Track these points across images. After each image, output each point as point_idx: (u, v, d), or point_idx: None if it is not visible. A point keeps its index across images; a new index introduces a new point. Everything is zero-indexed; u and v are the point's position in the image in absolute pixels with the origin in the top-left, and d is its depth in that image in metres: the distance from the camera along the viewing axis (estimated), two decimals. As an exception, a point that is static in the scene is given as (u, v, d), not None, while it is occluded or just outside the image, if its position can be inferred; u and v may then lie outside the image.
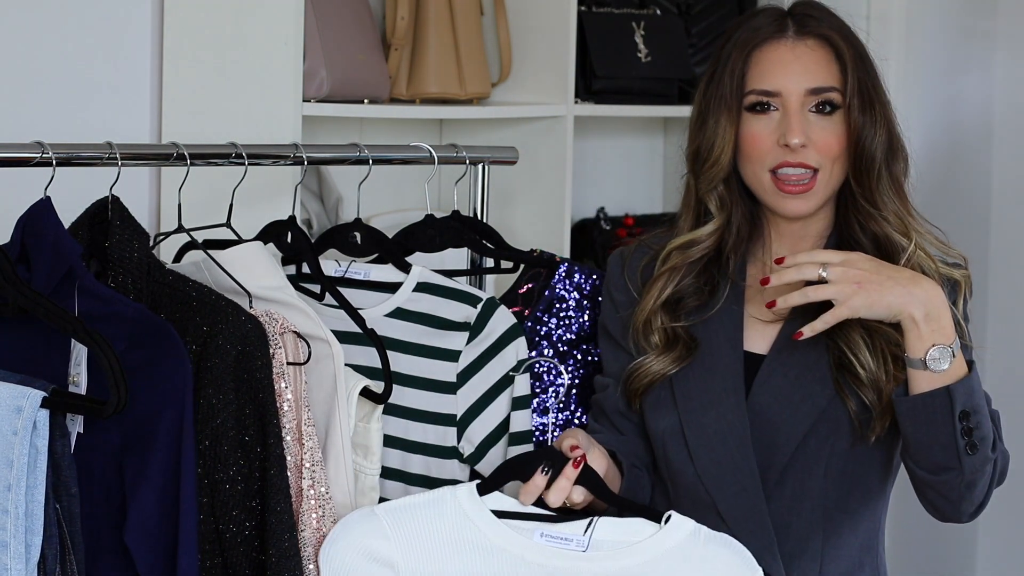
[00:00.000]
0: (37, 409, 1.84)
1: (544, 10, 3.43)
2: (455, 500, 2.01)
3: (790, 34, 2.21)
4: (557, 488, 2.02)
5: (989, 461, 2.11)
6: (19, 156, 2.02)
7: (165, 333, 1.92)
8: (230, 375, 1.96)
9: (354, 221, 2.42)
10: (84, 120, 2.83)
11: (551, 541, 2.01)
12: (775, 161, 2.19)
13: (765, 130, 2.19)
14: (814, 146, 2.18)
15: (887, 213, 2.20)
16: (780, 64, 2.20)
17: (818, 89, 2.19)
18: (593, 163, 3.90)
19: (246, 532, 1.96)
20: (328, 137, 3.09)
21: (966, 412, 2.07)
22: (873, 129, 2.18)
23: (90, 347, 1.88)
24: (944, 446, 2.08)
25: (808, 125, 2.18)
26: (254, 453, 1.97)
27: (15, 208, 2.01)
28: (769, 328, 2.24)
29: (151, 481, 1.90)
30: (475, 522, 2.01)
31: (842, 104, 2.19)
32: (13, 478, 1.84)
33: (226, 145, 2.26)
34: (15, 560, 1.83)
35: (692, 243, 2.26)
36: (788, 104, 2.18)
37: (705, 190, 2.25)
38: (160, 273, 2.02)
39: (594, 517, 2.02)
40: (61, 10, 2.85)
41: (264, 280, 2.13)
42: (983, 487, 2.14)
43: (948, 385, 2.06)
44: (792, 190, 2.19)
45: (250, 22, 2.83)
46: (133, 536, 1.90)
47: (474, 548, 2.00)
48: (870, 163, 2.19)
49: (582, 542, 2.01)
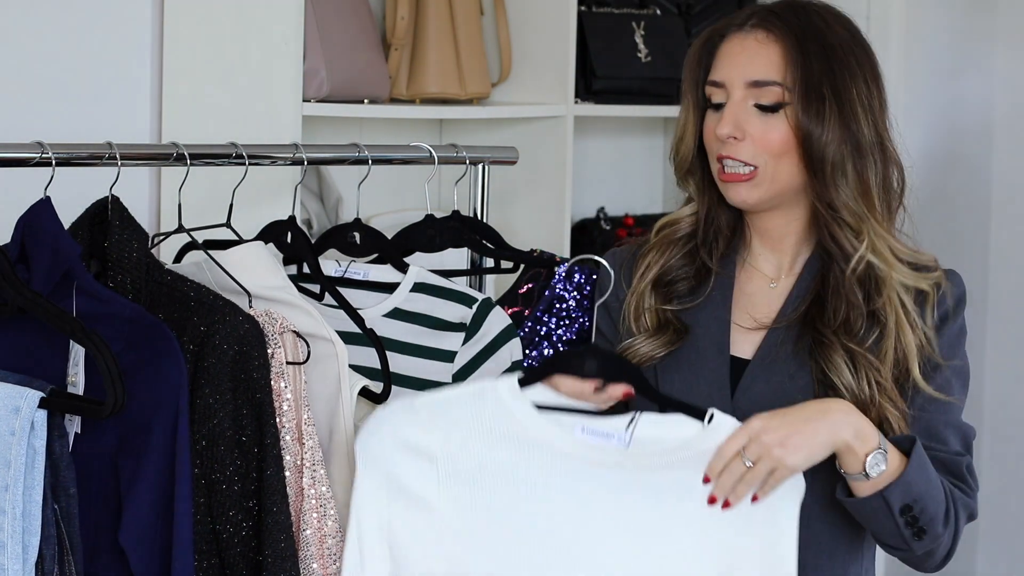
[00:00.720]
0: (35, 409, 1.84)
1: (544, 10, 3.43)
2: (495, 393, 1.98)
3: (746, 27, 2.19)
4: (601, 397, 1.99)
5: (940, 536, 2.10)
6: (19, 156, 2.02)
7: (161, 334, 1.92)
8: (227, 375, 1.96)
9: (354, 221, 2.42)
10: (84, 120, 2.83)
11: (592, 436, 1.97)
12: (715, 152, 2.18)
13: (712, 122, 2.19)
14: (751, 141, 2.15)
15: (844, 214, 2.16)
16: (728, 56, 2.18)
17: (758, 82, 2.15)
18: (593, 163, 3.90)
19: (243, 532, 1.96)
20: (328, 137, 3.09)
21: (907, 506, 2.06)
22: (820, 128, 2.13)
23: (88, 347, 1.88)
24: (891, 535, 2.09)
25: (747, 119, 2.16)
26: (251, 453, 1.97)
27: (15, 208, 2.01)
28: (753, 334, 2.22)
29: (146, 482, 1.90)
30: (516, 415, 1.98)
31: (786, 101, 2.15)
32: (11, 478, 1.84)
33: (226, 145, 2.26)
34: (12, 560, 1.83)
35: (672, 222, 2.26)
36: (730, 95, 2.17)
37: (679, 179, 2.26)
38: (159, 273, 2.02)
39: (636, 413, 1.97)
40: (61, 10, 2.85)
41: (267, 280, 2.13)
42: (944, 549, 2.14)
43: (881, 491, 2.04)
44: (730, 178, 2.17)
45: (250, 22, 2.83)
46: (128, 537, 1.90)
47: (514, 441, 1.97)
48: (820, 163, 2.15)
49: (623, 438, 1.97)
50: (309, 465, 2.03)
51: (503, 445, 1.97)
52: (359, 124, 3.28)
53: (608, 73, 3.59)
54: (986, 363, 4.20)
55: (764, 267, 2.25)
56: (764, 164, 2.16)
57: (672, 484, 1.98)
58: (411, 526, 1.97)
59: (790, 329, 2.18)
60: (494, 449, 1.97)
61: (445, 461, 1.97)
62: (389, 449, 1.97)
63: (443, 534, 1.98)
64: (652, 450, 1.97)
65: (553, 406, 1.99)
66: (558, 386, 2.00)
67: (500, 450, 1.97)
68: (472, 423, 1.97)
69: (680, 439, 1.98)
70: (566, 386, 2.00)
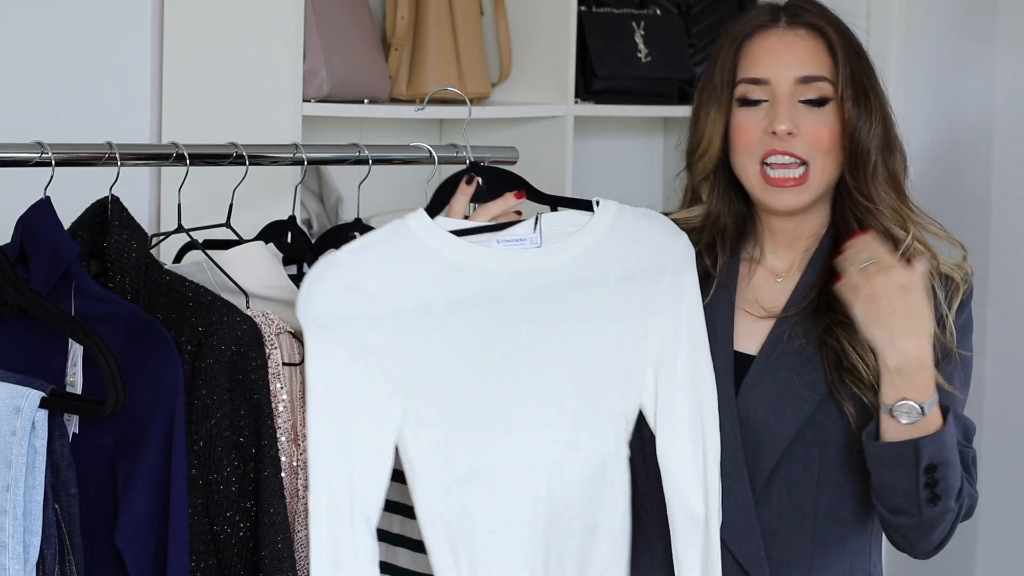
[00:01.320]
0: (36, 409, 1.84)
1: (544, 10, 3.43)
2: (408, 229, 2.04)
3: (782, 24, 2.20)
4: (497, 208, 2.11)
5: (950, 511, 2.11)
6: (18, 156, 2.01)
7: (158, 334, 1.92)
8: (225, 376, 1.95)
9: (354, 221, 2.42)
10: (84, 120, 2.83)
11: (508, 245, 2.08)
12: (763, 149, 2.17)
13: (753, 119, 2.18)
14: (803, 137, 2.16)
15: (883, 207, 2.19)
16: (770, 52, 2.19)
17: (808, 78, 2.17)
18: (593, 163, 3.89)
19: (240, 533, 1.96)
20: (328, 137, 3.09)
21: (933, 465, 2.07)
22: (868, 122, 2.17)
23: (88, 347, 1.88)
24: (905, 493, 2.09)
25: (797, 115, 2.16)
26: (249, 454, 1.97)
27: (15, 208, 2.01)
28: (759, 325, 2.22)
29: (142, 482, 1.90)
30: (433, 244, 2.04)
31: (833, 95, 2.17)
32: (12, 478, 1.83)
33: (226, 145, 2.26)
34: (13, 560, 1.83)
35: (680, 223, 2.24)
36: (777, 92, 2.17)
37: (697, 180, 2.25)
38: (158, 273, 2.02)
39: (536, 215, 2.10)
40: (61, 10, 2.85)
41: (269, 280, 2.13)
42: (943, 530, 2.14)
43: (917, 439, 2.06)
44: (782, 183, 2.17)
45: (250, 22, 2.83)
46: (124, 537, 1.90)
47: (441, 268, 2.03)
48: (865, 157, 2.17)
49: (535, 239, 2.09)
50: (305, 466, 2.03)
51: (431, 274, 2.03)
52: (359, 124, 3.28)
53: (608, 73, 3.59)
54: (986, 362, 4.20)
55: (773, 264, 2.25)
56: (815, 161, 2.17)
57: (589, 276, 2.09)
58: (369, 378, 1.98)
59: (798, 323, 2.18)
60: (424, 280, 2.02)
61: (385, 303, 1.99)
62: (332, 305, 1.97)
63: (399, 377, 2.00)
64: (562, 244, 2.08)
65: (463, 229, 2.08)
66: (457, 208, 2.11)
67: (430, 280, 2.02)
68: (398, 261, 2.02)
69: (579, 224, 2.11)
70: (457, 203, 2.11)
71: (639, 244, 2.13)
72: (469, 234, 2.07)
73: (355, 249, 2.02)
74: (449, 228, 2.07)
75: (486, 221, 2.11)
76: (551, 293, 2.08)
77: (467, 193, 2.13)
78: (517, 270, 2.07)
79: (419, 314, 2.01)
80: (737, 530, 2.16)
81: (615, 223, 2.12)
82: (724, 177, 2.24)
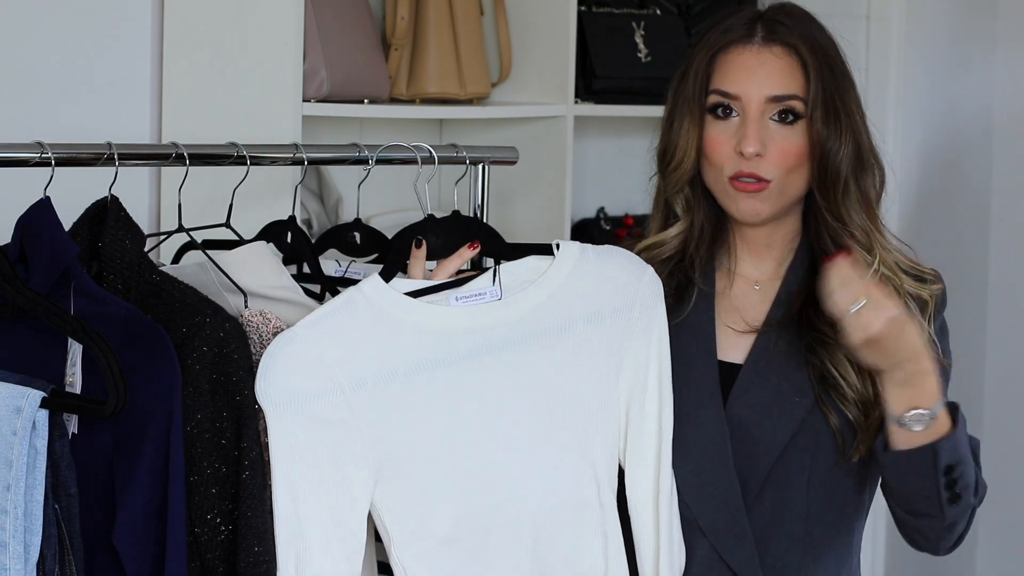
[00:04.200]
0: (36, 409, 1.84)
1: (544, 10, 3.43)
2: (364, 296, 2.00)
3: (757, 39, 2.17)
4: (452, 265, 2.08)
5: (968, 508, 2.12)
6: (18, 156, 2.01)
7: (155, 334, 1.91)
8: (206, 377, 1.94)
9: (354, 221, 2.42)
10: (84, 120, 2.83)
11: (468, 301, 2.04)
12: (733, 169, 2.15)
13: (723, 135, 2.16)
14: (769, 156, 2.14)
15: (853, 228, 2.17)
16: (744, 69, 2.16)
17: (779, 97, 2.15)
18: (593, 163, 3.90)
19: (220, 537, 1.94)
20: (328, 137, 3.09)
21: (951, 466, 2.07)
22: (838, 141, 2.14)
23: (89, 347, 1.88)
24: (927, 497, 2.09)
25: (766, 133, 2.15)
26: (231, 456, 1.96)
27: (15, 208, 2.01)
28: (743, 338, 2.21)
29: (139, 483, 1.89)
30: (390, 310, 2.01)
31: (804, 114, 2.15)
32: (12, 478, 1.83)
33: (226, 145, 2.26)
34: (14, 560, 1.83)
35: (657, 245, 2.24)
36: (748, 110, 2.15)
37: (671, 192, 2.23)
38: (150, 273, 2.01)
39: (494, 266, 2.07)
40: (61, 10, 2.85)
41: (273, 280, 2.13)
42: (963, 526, 2.15)
43: (934, 443, 2.06)
44: (744, 188, 2.15)
45: (250, 22, 2.83)
46: (121, 538, 1.89)
47: (399, 333, 2.00)
48: (835, 176, 2.15)
49: (495, 292, 2.05)
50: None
51: (391, 342, 1.99)
52: (359, 124, 3.28)
53: (608, 73, 3.59)
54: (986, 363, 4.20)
55: (749, 272, 2.25)
56: (776, 178, 2.15)
57: (555, 323, 2.07)
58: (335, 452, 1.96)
59: (783, 331, 2.18)
60: (384, 348, 1.99)
61: (345, 376, 1.97)
62: (288, 384, 1.95)
63: (367, 448, 1.97)
64: (523, 293, 2.06)
65: (421, 289, 2.04)
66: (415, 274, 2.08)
67: (390, 348, 1.99)
68: (355, 331, 1.99)
69: (539, 270, 2.08)
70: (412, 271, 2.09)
71: (604, 283, 2.09)
72: (426, 294, 2.04)
73: (310, 323, 1.98)
74: (405, 290, 2.03)
75: (443, 279, 2.07)
76: (517, 345, 2.04)
77: (420, 258, 2.11)
78: (478, 326, 2.03)
79: (382, 383, 1.98)
80: (730, 537, 2.15)
81: (577, 265, 2.09)
82: (700, 188, 2.22)
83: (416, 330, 2.01)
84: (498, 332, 2.04)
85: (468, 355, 2.02)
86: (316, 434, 1.95)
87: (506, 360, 2.04)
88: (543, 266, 2.09)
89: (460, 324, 2.03)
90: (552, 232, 3.38)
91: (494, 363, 2.03)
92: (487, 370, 2.03)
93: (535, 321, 2.06)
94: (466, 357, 2.02)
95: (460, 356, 2.02)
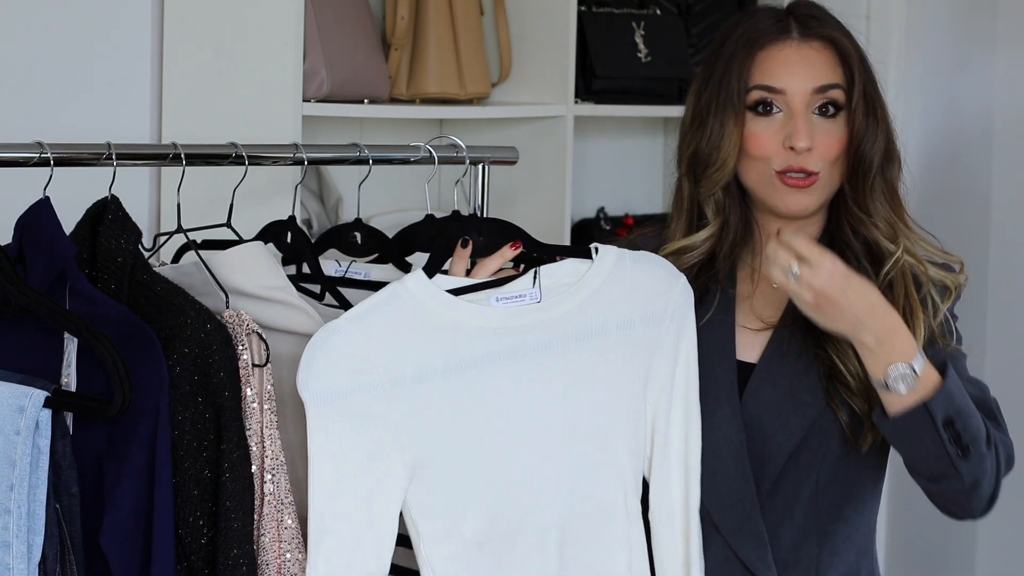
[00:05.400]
0: (40, 409, 1.84)
1: (544, 10, 3.43)
2: (407, 291, 2.01)
3: (795, 35, 2.18)
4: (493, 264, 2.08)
5: (986, 458, 2.10)
6: (18, 156, 2.01)
7: (144, 336, 1.90)
8: (187, 378, 1.93)
9: (354, 221, 2.42)
10: (84, 120, 2.83)
11: (508, 302, 2.05)
12: (782, 164, 2.16)
13: (768, 130, 2.17)
14: (817, 150, 2.15)
15: (877, 219, 2.18)
16: (786, 64, 2.17)
17: (824, 87, 2.16)
18: (593, 163, 3.90)
19: (202, 540, 1.94)
20: (328, 137, 3.09)
21: (950, 419, 2.06)
22: (874, 135, 2.16)
23: (94, 347, 1.88)
24: (937, 457, 2.08)
25: (814, 128, 2.16)
26: (212, 458, 1.95)
27: (14, 208, 2.01)
28: (759, 336, 2.22)
29: (127, 484, 1.88)
30: (432, 306, 2.01)
31: (845, 106, 2.17)
32: (16, 478, 1.83)
33: (226, 145, 2.26)
34: (18, 560, 1.83)
35: (686, 249, 2.24)
36: (793, 104, 2.16)
37: (705, 194, 2.22)
38: (142, 272, 2.00)
39: (535, 268, 2.08)
40: (61, 10, 2.85)
41: (265, 280, 2.12)
42: (989, 482, 2.13)
43: (925, 400, 2.05)
44: (795, 183, 2.16)
45: (250, 22, 2.83)
46: (109, 539, 1.88)
47: (440, 331, 2.00)
48: (867, 168, 2.17)
49: (535, 294, 2.06)
50: (269, 469, 2.00)
51: (431, 338, 2.00)
52: (359, 124, 3.28)
53: (608, 73, 3.59)
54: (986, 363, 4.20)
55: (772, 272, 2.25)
56: (824, 170, 2.17)
57: (589, 328, 2.07)
58: (372, 448, 1.96)
59: (795, 329, 2.18)
60: (424, 344, 2.00)
61: (384, 370, 1.97)
62: (330, 378, 1.95)
63: (403, 445, 1.97)
64: (562, 296, 2.06)
65: (463, 287, 2.05)
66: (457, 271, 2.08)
67: (430, 344, 2.00)
68: (397, 326, 1.99)
69: (578, 274, 2.09)
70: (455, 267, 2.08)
71: (638, 290, 2.10)
72: (467, 292, 2.05)
73: (354, 316, 1.98)
74: (447, 287, 2.04)
75: (485, 278, 2.08)
76: (553, 348, 2.05)
77: (465, 257, 2.11)
78: (517, 327, 2.04)
79: (420, 379, 1.98)
80: (744, 535, 2.16)
81: (614, 271, 2.10)
82: (734, 189, 2.22)
83: (456, 328, 2.01)
84: (535, 334, 2.04)
85: (505, 356, 2.03)
86: (354, 428, 1.95)
87: (541, 363, 2.04)
88: (581, 270, 2.09)
89: (499, 324, 2.03)
90: (552, 232, 3.38)
91: (529, 365, 2.04)
92: (523, 372, 2.04)
93: (570, 325, 2.06)
94: (503, 358, 2.03)
95: (497, 356, 2.02)
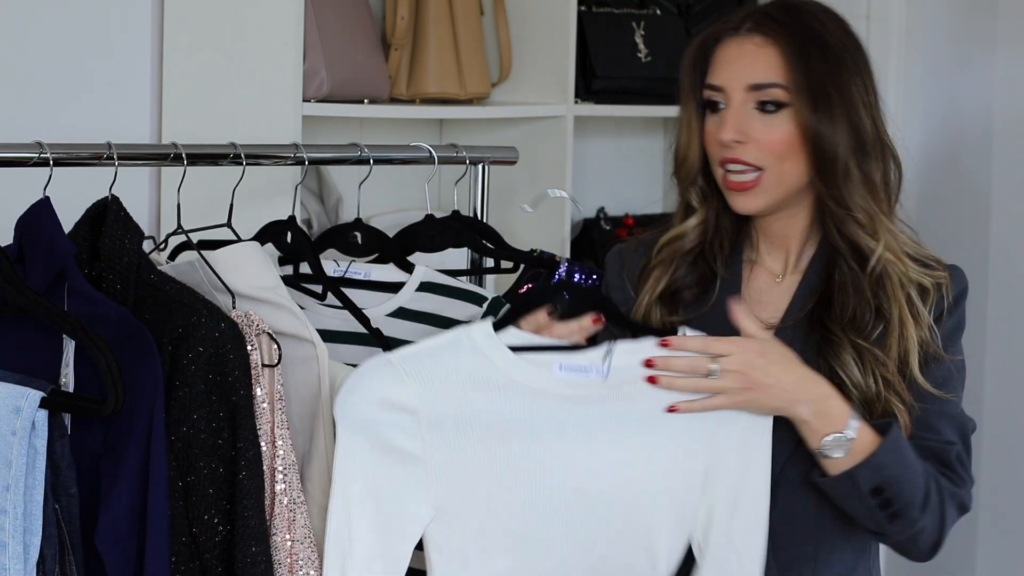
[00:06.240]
0: (36, 409, 1.84)
1: (544, 10, 3.43)
2: (470, 339, 1.97)
3: (741, 32, 2.19)
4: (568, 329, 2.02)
5: (917, 522, 2.10)
6: (18, 156, 2.01)
7: (141, 336, 1.90)
8: (201, 377, 1.93)
9: (354, 221, 2.42)
10: (84, 120, 2.83)
11: (570, 372, 1.99)
12: (718, 157, 2.17)
13: (713, 126, 2.18)
14: (755, 144, 2.14)
15: (857, 212, 2.16)
16: (725, 62, 2.18)
17: (758, 85, 2.15)
18: (593, 163, 3.90)
19: (217, 538, 1.94)
20: (328, 137, 3.09)
21: (877, 488, 2.07)
22: (830, 126, 2.13)
23: (88, 347, 1.88)
24: (865, 517, 2.10)
25: (749, 122, 2.15)
26: (227, 456, 1.95)
27: (14, 208, 2.01)
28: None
29: (122, 484, 1.88)
30: (492, 359, 1.97)
31: (788, 101, 2.15)
32: (12, 478, 1.83)
33: (226, 145, 2.26)
34: (14, 560, 1.83)
35: (678, 236, 2.25)
36: (729, 100, 2.16)
37: (683, 186, 2.24)
38: (148, 272, 2.01)
39: (610, 343, 2.00)
40: (61, 10, 2.85)
41: (256, 280, 2.11)
42: (930, 535, 2.13)
43: (849, 470, 2.06)
44: (735, 186, 2.16)
45: (250, 22, 2.83)
46: (104, 540, 1.88)
47: (492, 386, 1.97)
48: (832, 161, 2.14)
49: (601, 371, 1.99)
50: (281, 469, 2.01)
51: (482, 391, 1.97)
52: (359, 124, 3.28)
53: (608, 73, 3.59)
54: (986, 362, 4.20)
55: (771, 265, 2.25)
56: (769, 166, 2.16)
57: (651, 409, 2.01)
58: (398, 482, 1.95)
59: (797, 329, 2.18)
60: (473, 396, 1.97)
61: (426, 412, 1.95)
62: (368, 408, 1.94)
63: (431, 486, 1.96)
64: (629, 377, 2.00)
65: (529, 346, 1.99)
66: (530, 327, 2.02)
67: (479, 396, 1.97)
68: (450, 372, 1.96)
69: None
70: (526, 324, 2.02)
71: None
72: (531, 351, 1.99)
73: (409, 354, 1.96)
74: (511, 343, 1.99)
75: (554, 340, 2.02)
76: (607, 428, 2.00)
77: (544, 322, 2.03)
78: (574, 398, 1.99)
79: (460, 427, 1.96)
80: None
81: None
82: (712, 182, 2.23)
83: (510, 387, 1.98)
84: (591, 410, 2.00)
85: (551, 424, 1.98)
86: (384, 461, 1.94)
87: (591, 439, 2.00)
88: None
89: (556, 392, 1.99)
90: (552, 232, 3.38)
91: (575, 438, 1.99)
92: (566, 444, 1.99)
93: (632, 404, 2.01)
94: (548, 425, 1.98)
95: (543, 423, 1.98)
